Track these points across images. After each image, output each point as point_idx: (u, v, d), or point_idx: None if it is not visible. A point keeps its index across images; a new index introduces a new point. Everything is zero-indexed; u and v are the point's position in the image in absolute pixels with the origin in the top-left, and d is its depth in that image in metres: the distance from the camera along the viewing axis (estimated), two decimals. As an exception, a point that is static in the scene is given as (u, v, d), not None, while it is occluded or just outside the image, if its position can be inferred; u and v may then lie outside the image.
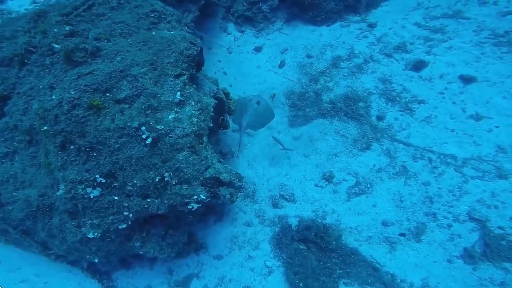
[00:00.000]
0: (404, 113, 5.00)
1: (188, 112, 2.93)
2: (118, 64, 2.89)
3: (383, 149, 4.76)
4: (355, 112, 5.13)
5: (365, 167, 4.63)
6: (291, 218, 4.24)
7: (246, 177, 4.68)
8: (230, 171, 3.11)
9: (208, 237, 4.15)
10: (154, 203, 2.77)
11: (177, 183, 2.80)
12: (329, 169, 4.67)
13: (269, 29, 6.27)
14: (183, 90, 2.99)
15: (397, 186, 4.36)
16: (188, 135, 2.85)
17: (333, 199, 4.42)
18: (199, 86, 3.46)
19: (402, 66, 5.49)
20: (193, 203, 2.82)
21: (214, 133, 3.84)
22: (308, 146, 4.96)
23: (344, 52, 5.84)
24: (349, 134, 4.98)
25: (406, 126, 4.87)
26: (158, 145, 2.76)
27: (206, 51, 5.79)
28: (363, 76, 5.53)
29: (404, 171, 4.47)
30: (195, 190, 2.83)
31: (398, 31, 6.00)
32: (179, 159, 2.79)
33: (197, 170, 2.84)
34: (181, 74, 3.06)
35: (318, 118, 5.19)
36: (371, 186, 4.45)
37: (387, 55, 5.72)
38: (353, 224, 4.15)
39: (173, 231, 3.27)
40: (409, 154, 4.60)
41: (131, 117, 2.72)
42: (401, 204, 4.20)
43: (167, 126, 2.80)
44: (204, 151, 2.93)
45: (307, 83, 5.55)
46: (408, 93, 5.15)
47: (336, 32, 6.17)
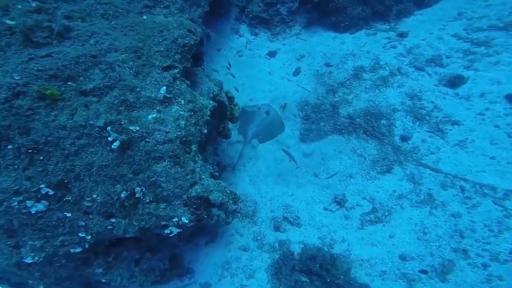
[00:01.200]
0: (434, 134, 5.11)
1: (175, 113, 2.80)
2: (90, 48, 2.73)
3: (406, 173, 4.84)
4: (376, 130, 5.28)
5: (383, 192, 4.72)
6: (294, 245, 4.33)
7: (246, 194, 4.87)
8: (223, 190, 2.96)
9: (196, 261, 4.25)
10: (120, 225, 2.58)
11: (152, 201, 2.61)
12: (342, 191, 4.78)
13: (285, 33, 6.66)
14: (171, 85, 2.88)
15: (420, 216, 4.40)
16: (172, 141, 2.70)
17: (344, 226, 4.51)
18: (195, 84, 3.47)
19: (435, 81, 5.65)
20: (173, 227, 2.66)
21: (212, 141, 4.02)
22: (319, 164, 5.12)
23: (368, 63, 6.09)
24: (368, 154, 5.11)
25: (436, 149, 4.96)
26: (129, 151, 2.57)
27: (215, 53, 6.21)
28: (388, 90, 5.72)
29: (429, 200, 4.52)
30: (175, 211, 2.66)
31: (433, 43, 6.22)
32: (156, 170, 2.62)
33: (179, 186, 2.68)
34: (172, 66, 2.97)
35: (333, 134, 5.38)
36: (389, 214, 4.50)
37: (418, 68, 5.92)
38: (365, 255, 4.19)
39: (151, 254, 3.14)
40: (437, 181, 4.66)
41: (97, 114, 2.54)
42: (424, 236, 4.22)
43: (144, 128, 2.65)
44: (190, 162, 2.78)
45: (323, 94, 5.80)
46: (440, 112, 5.27)
47: (360, 41, 6.46)
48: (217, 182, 3.02)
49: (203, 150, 3.88)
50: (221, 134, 4.17)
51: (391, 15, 6.96)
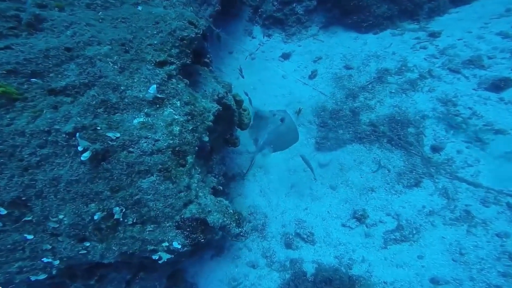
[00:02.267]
0: (472, 145, 5.13)
1: (168, 117, 2.70)
2: (66, 40, 2.63)
3: (437, 187, 4.88)
4: (402, 139, 5.36)
5: (411, 208, 4.76)
6: (307, 264, 4.41)
7: (256, 206, 5.06)
8: (225, 210, 2.89)
9: (201, 276, 4.42)
10: (96, 249, 2.48)
11: (135, 223, 2.52)
12: (362, 206, 4.87)
13: (301, 34, 7.00)
14: (165, 84, 2.79)
15: (455, 235, 4.40)
16: (162, 152, 2.60)
17: (364, 245, 4.56)
18: (197, 84, 3.48)
19: (474, 84, 5.70)
20: (162, 253, 2.59)
21: (218, 150, 4.19)
22: (337, 176, 5.26)
23: (394, 65, 6.25)
24: (392, 166, 5.20)
25: (474, 162, 4.98)
26: (105, 163, 2.45)
27: (226, 55, 6.59)
28: (417, 94, 5.83)
29: (467, 217, 4.51)
30: (165, 234, 2.58)
31: (472, 42, 6.31)
32: (141, 187, 2.51)
33: (170, 205, 2.59)
34: (167, 62, 2.88)
35: (353, 143, 5.52)
36: (417, 232, 4.53)
37: (453, 70, 6.00)
38: (389, 278, 4.20)
39: (145, 274, 3.15)
40: (476, 196, 4.67)
41: (67, 117, 2.41)
42: (461, 258, 4.19)
43: (127, 134, 2.52)
44: (185, 177, 2.68)
45: (342, 99, 5.99)
46: (480, 119, 5.29)
47: (384, 41, 6.66)
48: (218, 200, 2.97)
49: (208, 159, 4.04)
50: (228, 142, 4.38)
51: (422, 13, 7.16)
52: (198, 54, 3.47)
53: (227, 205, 3.01)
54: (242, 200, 5.16)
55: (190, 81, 3.38)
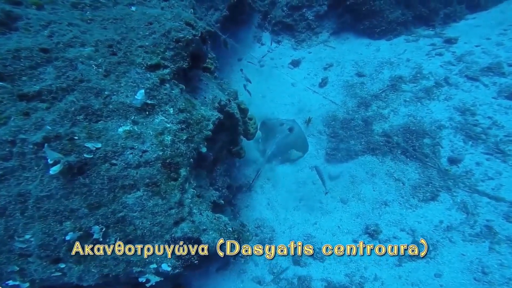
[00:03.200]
0: (493, 157, 4.91)
1: (159, 125, 2.54)
2: (42, 40, 2.48)
3: (456, 201, 4.68)
4: (417, 151, 5.18)
5: (427, 223, 4.57)
6: (315, 282, 4.24)
7: (263, 219, 4.93)
8: (223, 229, 2.71)
9: None
10: (72, 271, 2.28)
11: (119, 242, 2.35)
12: (375, 221, 4.70)
13: (311, 40, 6.88)
14: (156, 89, 2.62)
15: (476, 252, 4.17)
16: (150, 164, 2.43)
17: (377, 261, 4.38)
18: (196, 90, 3.35)
19: (493, 93, 5.51)
20: (150, 275, 2.40)
21: (222, 160, 4.09)
22: (348, 189, 5.10)
23: (408, 72, 6.07)
24: (407, 179, 5.02)
25: (495, 175, 4.76)
26: (81, 178, 2.27)
27: (235, 62, 6.48)
28: (433, 103, 5.66)
29: (489, 233, 4.29)
30: (154, 255, 2.40)
31: (491, 49, 6.13)
32: (126, 203, 2.33)
33: (159, 223, 2.41)
34: (160, 65, 2.72)
35: (366, 155, 5.36)
36: (434, 248, 4.32)
37: (471, 78, 5.83)
38: None
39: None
40: (499, 211, 4.44)
41: (38, 125, 2.25)
42: (483, 277, 3.95)
43: (110, 145, 2.35)
44: (176, 192, 2.50)
45: (354, 108, 5.84)
46: (501, 129, 5.08)
47: (398, 48, 6.49)
48: (217, 216, 2.82)
49: (211, 171, 3.96)
50: (232, 153, 4.26)
51: (437, 19, 7.01)
52: (196, 58, 3.26)
53: (226, 222, 2.84)
54: (249, 212, 5.04)
55: (189, 87, 3.25)
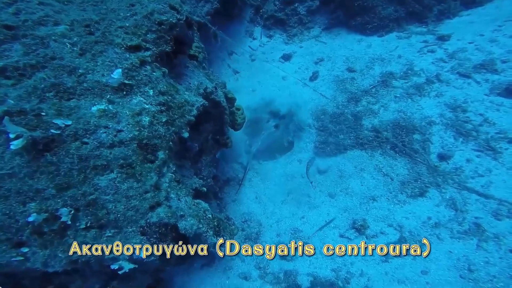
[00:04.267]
0: (483, 153, 4.68)
1: (136, 106, 2.38)
2: (5, 17, 2.34)
3: (444, 198, 4.44)
4: (407, 146, 4.93)
5: (415, 219, 4.32)
6: (301, 276, 4.02)
7: (251, 213, 4.70)
8: (202, 215, 2.54)
9: (189, 287, 4.04)
10: (37, 256, 2.07)
11: (90, 227, 2.12)
12: (362, 216, 4.45)
13: (303, 35, 6.62)
14: (136, 69, 2.47)
15: (464, 250, 3.95)
16: (125, 144, 2.25)
17: (363, 257, 4.13)
18: (181, 76, 3.16)
19: (485, 90, 5.27)
20: (123, 262, 2.21)
21: (208, 151, 3.88)
22: (336, 183, 4.85)
23: (399, 68, 5.83)
24: (396, 174, 4.77)
25: (486, 172, 4.52)
26: (48, 155, 2.07)
27: (226, 57, 6.23)
28: (423, 99, 5.42)
29: (477, 231, 4.06)
30: (127, 241, 2.20)
31: (484, 46, 5.88)
32: (99, 185, 2.14)
33: (134, 207, 2.21)
34: (141, 47, 2.58)
35: (355, 149, 5.11)
36: (422, 245, 4.05)
37: (463, 75, 5.58)
38: None
39: (120, 283, 2.70)
40: (488, 208, 4.21)
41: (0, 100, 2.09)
42: (470, 274, 3.73)
43: (82, 123, 2.17)
44: (153, 175, 2.32)
45: (344, 102, 5.60)
46: (492, 126, 4.85)
47: (390, 44, 6.24)
48: (196, 202, 2.62)
49: (197, 161, 3.75)
50: (219, 143, 4.02)
51: (430, 16, 6.73)
52: (181, 42, 3.08)
53: (205, 208, 2.61)
54: (236, 206, 4.80)
55: (173, 72, 3.06)
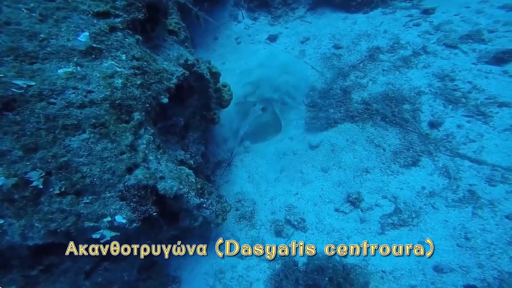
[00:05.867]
0: (474, 119, 4.32)
1: (108, 69, 2.18)
2: None
3: (437, 166, 4.06)
4: (397, 116, 4.53)
5: (409, 189, 3.96)
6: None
7: (244, 192, 4.35)
8: (184, 178, 2.34)
9: (184, 269, 3.74)
10: (12, 228, 1.84)
11: (65, 193, 1.90)
12: (357, 189, 4.08)
13: (288, 16, 6.19)
14: (105, 34, 2.27)
15: (460, 218, 3.61)
16: (96, 104, 2.03)
17: (359, 231, 3.79)
18: (159, 47, 2.93)
19: (473, 59, 4.90)
20: (105, 230, 2.01)
21: (195, 127, 3.53)
22: (329, 157, 4.46)
23: (386, 43, 5.43)
24: (388, 145, 4.38)
25: (477, 137, 4.16)
26: (10, 114, 1.84)
27: (211, 42, 5.82)
28: (411, 71, 5.02)
29: (472, 198, 3.71)
30: (107, 207, 2.00)
31: (470, 17, 5.49)
32: (70, 146, 1.90)
33: (110, 170, 1.99)
34: (110, 13, 2.36)
35: (345, 122, 4.72)
36: (417, 215, 3.74)
37: (449, 46, 5.18)
38: (387, 266, 3.44)
39: (110, 263, 2.49)
40: (481, 175, 3.86)
41: None
42: (466, 243, 3.42)
43: (47, 84, 1.95)
44: (128, 135, 2.09)
45: (332, 78, 5.14)
46: (481, 93, 4.49)
47: (375, 20, 5.83)
48: (179, 168, 2.41)
49: (183, 137, 3.40)
50: (206, 119, 3.63)
51: (414, -9, 6.23)
52: (156, 11, 2.77)
53: (188, 173, 2.40)
54: (229, 187, 4.42)
55: (149, 43, 2.78)
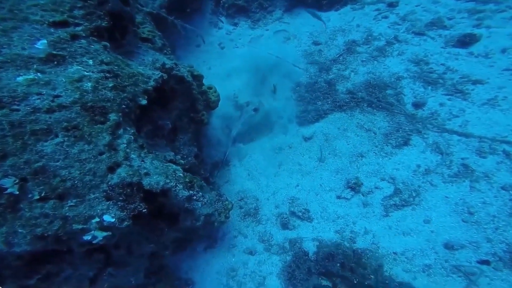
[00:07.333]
0: (453, 97, 4.23)
1: (74, 73, 2.01)
2: None
3: (428, 143, 3.91)
4: (382, 101, 4.39)
5: (405, 169, 3.77)
6: (307, 242, 3.42)
7: (245, 190, 4.03)
8: (172, 174, 2.18)
9: (196, 270, 3.41)
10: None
11: (47, 198, 1.74)
12: (354, 174, 3.86)
13: (266, 19, 5.99)
14: (65, 42, 2.10)
15: (459, 193, 3.43)
16: (66, 108, 1.87)
17: (364, 215, 3.55)
18: (132, 54, 2.74)
19: (441, 43, 4.87)
20: (96, 231, 1.85)
21: (184, 130, 3.24)
22: (323, 147, 4.23)
23: (360, 36, 5.33)
24: (378, 128, 4.21)
25: (459, 112, 4.06)
26: None
27: (194, 49, 5.53)
28: (388, 59, 4.92)
29: (466, 172, 3.55)
30: (93, 208, 1.84)
31: (429, 7, 5.51)
32: (44, 152, 1.75)
33: (91, 171, 1.85)
34: (68, 23, 2.20)
35: (334, 112, 4.52)
36: (417, 194, 3.55)
37: (418, 33, 5.13)
38: (398, 248, 3.21)
39: (115, 268, 2.31)
40: (471, 148, 3.73)
41: None
42: (471, 217, 3.23)
43: (6, 91, 1.79)
44: (105, 135, 1.94)
45: (316, 72, 5.00)
46: (455, 73, 4.43)
47: (347, 16, 5.74)
48: (166, 165, 2.22)
49: (173, 140, 3.09)
50: (194, 121, 3.34)
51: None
52: (120, 18, 2.61)
53: (176, 169, 2.25)
54: (230, 186, 4.08)
55: (121, 50, 2.64)
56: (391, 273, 2.99)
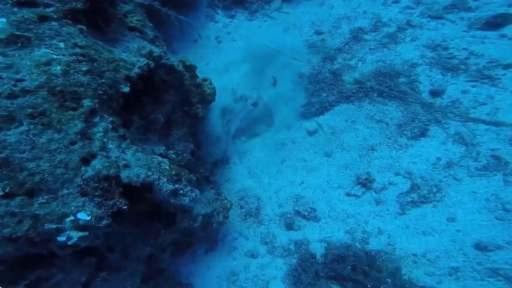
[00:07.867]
0: (479, 83, 3.83)
1: (42, 57, 1.84)
2: None
3: (449, 133, 3.52)
4: (394, 90, 4.03)
5: (423, 162, 3.40)
6: (314, 244, 3.14)
7: (246, 189, 3.76)
8: (156, 166, 1.99)
9: (196, 275, 3.20)
10: None
11: (12, 194, 1.57)
12: (365, 169, 3.51)
13: (264, 9, 5.71)
14: (31, 23, 1.94)
15: (490, 188, 3.05)
16: (31, 92, 1.70)
17: (377, 213, 3.21)
18: (117, 40, 2.55)
19: (463, 27, 4.45)
20: (71, 231, 1.65)
21: (179, 124, 3.00)
22: (330, 141, 3.89)
23: (367, 23, 4.99)
24: (390, 118, 3.85)
25: (487, 99, 3.65)
26: None
27: (191, 44, 5.33)
28: (400, 46, 4.55)
29: (498, 164, 3.16)
30: (67, 205, 1.65)
31: None
32: (7, 141, 1.58)
33: (62, 163, 1.66)
34: (36, 3, 2.07)
35: (341, 103, 4.18)
36: (439, 190, 3.17)
37: (435, 17, 4.72)
38: (418, 249, 2.86)
39: (109, 273, 2.17)
40: (502, 137, 3.32)
41: None
42: (506, 215, 2.85)
43: None
44: (77, 122, 1.76)
45: (319, 63, 4.67)
46: (482, 58, 4.02)
47: (352, 3, 5.41)
48: (150, 157, 2.03)
49: (167, 135, 2.86)
50: (189, 114, 3.10)
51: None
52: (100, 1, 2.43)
53: (161, 161, 2.04)
54: (230, 185, 3.82)
55: (104, 36, 2.48)
56: (411, 277, 2.64)
